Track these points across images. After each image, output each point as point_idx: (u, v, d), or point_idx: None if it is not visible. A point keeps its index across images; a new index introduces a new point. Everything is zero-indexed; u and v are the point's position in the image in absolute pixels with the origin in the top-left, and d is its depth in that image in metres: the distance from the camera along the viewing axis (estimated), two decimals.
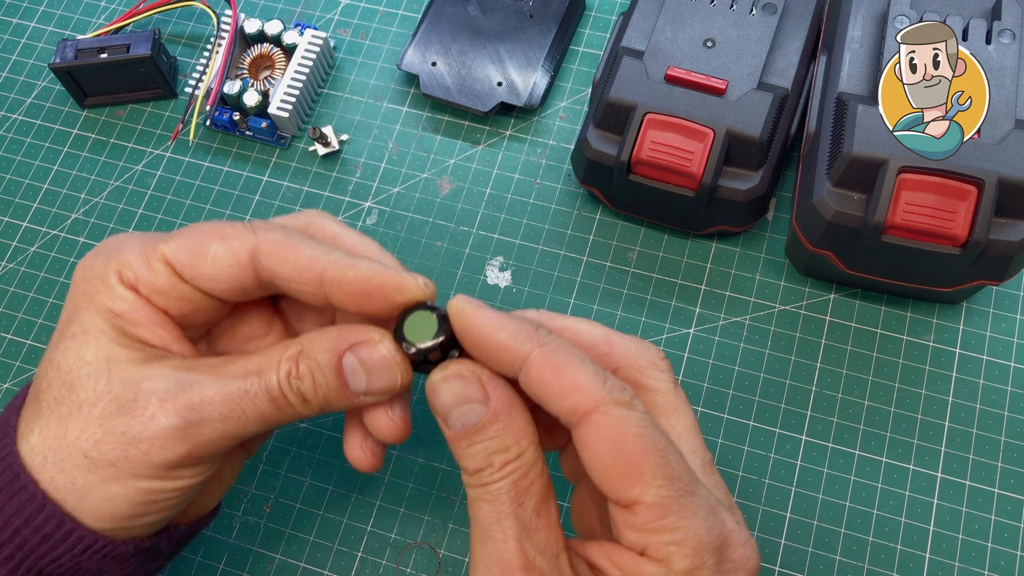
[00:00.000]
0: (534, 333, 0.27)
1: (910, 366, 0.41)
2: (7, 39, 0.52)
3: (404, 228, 0.45)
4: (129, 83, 0.49)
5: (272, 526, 0.40)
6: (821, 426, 0.40)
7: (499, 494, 0.27)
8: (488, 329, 0.27)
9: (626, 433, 0.26)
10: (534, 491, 0.27)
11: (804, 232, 0.39)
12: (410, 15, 0.51)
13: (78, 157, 0.49)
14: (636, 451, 0.25)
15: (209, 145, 0.48)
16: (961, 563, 0.38)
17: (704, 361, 0.42)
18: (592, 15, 0.50)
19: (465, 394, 0.27)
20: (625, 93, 0.40)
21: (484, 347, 0.27)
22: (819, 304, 0.42)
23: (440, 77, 0.47)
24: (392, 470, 0.41)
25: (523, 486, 0.27)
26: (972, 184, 0.35)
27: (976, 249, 0.36)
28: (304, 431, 0.42)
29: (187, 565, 0.40)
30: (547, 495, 0.28)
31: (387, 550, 0.39)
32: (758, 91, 0.40)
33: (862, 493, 0.39)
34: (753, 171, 0.41)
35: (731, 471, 0.40)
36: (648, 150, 0.39)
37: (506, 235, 0.45)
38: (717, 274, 0.43)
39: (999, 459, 0.39)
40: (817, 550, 0.38)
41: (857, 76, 0.38)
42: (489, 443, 0.27)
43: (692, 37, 0.41)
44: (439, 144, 0.47)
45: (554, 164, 0.46)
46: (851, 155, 0.36)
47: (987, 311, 0.42)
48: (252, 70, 0.48)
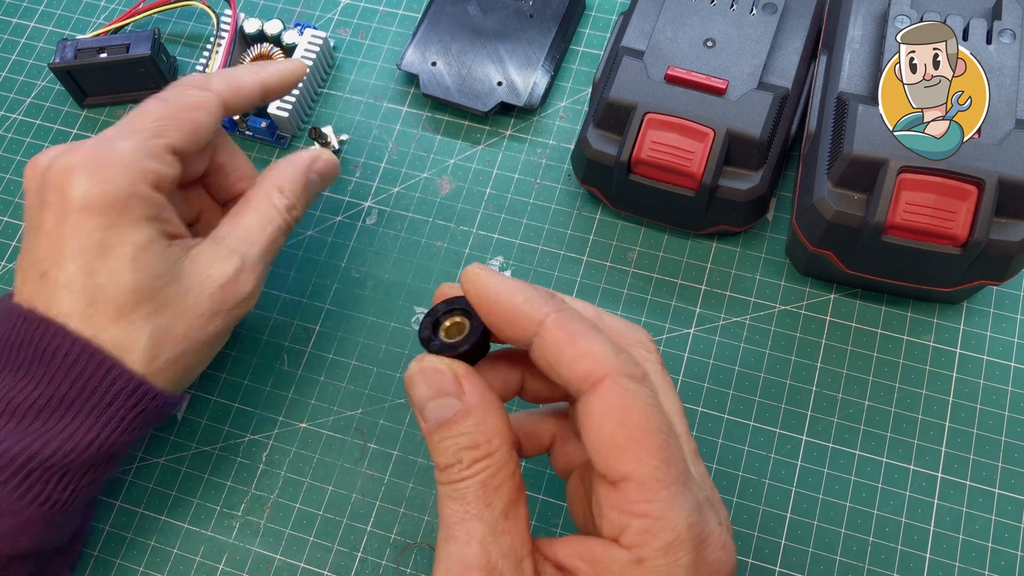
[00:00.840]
0: (550, 299, 0.27)
1: (910, 366, 0.41)
2: (7, 39, 0.52)
3: (404, 228, 0.45)
4: (129, 83, 0.49)
5: (272, 526, 0.40)
6: (821, 426, 0.40)
7: (466, 492, 0.26)
8: (505, 294, 0.27)
9: (633, 406, 0.25)
10: (503, 492, 0.27)
11: (804, 232, 0.39)
12: (410, 15, 0.51)
13: None
14: (639, 426, 0.25)
15: None
16: (961, 563, 0.38)
17: (704, 361, 0.42)
18: (592, 15, 0.50)
19: (442, 387, 0.27)
20: (625, 93, 0.40)
21: (500, 312, 0.27)
22: (819, 304, 0.42)
23: (440, 77, 0.47)
24: (392, 470, 0.41)
25: (492, 486, 0.27)
26: (972, 184, 0.35)
27: (976, 249, 0.36)
28: (304, 431, 0.42)
29: (187, 565, 0.40)
30: (517, 498, 0.27)
31: (387, 550, 0.39)
32: (758, 91, 0.40)
33: (862, 493, 0.39)
34: (753, 171, 0.40)
35: (731, 471, 0.40)
36: (648, 150, 0.39)
37: (506, 235, 0.45)
38: (717, 274, 0.43)
39: (999, 459, 0.39)
40: (817, 550, 0.38)
41: (857, 76, 0.38)
42: (460, 439, 0.27)
43: (692, 37, 0.41)
44: (439, 144, 0.47)
45: (554, 164, 0.46)
46: (851, 155, 0.36)
47: (987, 311, 0.42)
48: None
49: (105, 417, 0.33)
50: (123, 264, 0.33)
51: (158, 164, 0.34)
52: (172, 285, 0.34)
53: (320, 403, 0.42)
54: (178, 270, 0.35)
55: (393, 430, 0.41)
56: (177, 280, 0.35)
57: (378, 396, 0.42)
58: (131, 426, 0.34)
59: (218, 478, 0.41)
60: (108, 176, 0.33)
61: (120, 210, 0.33)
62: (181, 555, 0.40)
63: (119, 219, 0.33)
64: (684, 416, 0.29)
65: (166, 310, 0.34)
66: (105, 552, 0.40)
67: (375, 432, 0.42)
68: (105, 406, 0.33)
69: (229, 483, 0.41)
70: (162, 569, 0.40)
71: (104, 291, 0.33)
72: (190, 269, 0.35)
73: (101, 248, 0.33)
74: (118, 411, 0.34)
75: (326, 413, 0.42)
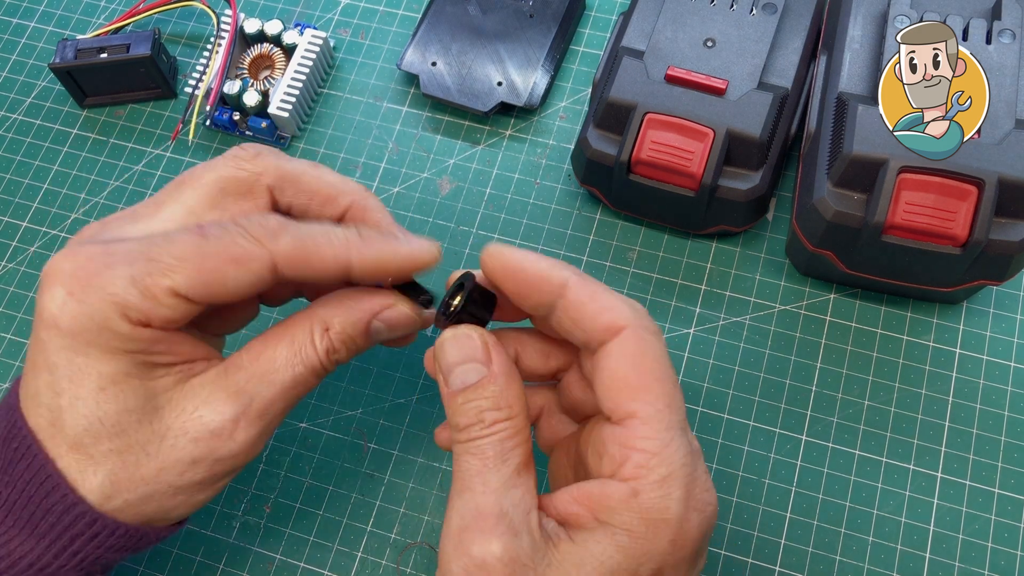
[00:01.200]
0: (566, 265, 0.30)
1: (910, 366, 0.41)
2: (7, 39, 0.52)
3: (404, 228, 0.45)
4: (129, 83, 0.49)
5: (272, 526, 0.40)
6: (821, 426, 0.40)
7: (486, 448, 0.28)
8: (528, 262, 0.29)
9: (648, 353, 0.28)
10: (517, 454, 0.28)
11: (804, 232, 0.39)
12: (410, 15, 0.51)
13: (78, 157, 0.49)
14: (651, 371, 0.28)
15: (209, 145, 0.48)
16: (961, 563, 0.38)
17: (704, 361, 0.42)
18: (592, 15, 0.50)
19: (471, 353, 0.29)
20: (625, 93, 0.40)
21: (526, 278, 0.29)
22: (819, 304, 0.42)
23: (440, 77, 0.47)
24: (392, 470, 0.41)
25: (508, 446, 0.28)
26: (972, 184, 0.35)
27: (976, 249, 0.36)
28: (304, 431, 0.42)
29: (187, 565, 0.40)
30: (528, 463, 0.29)
31: (387, 550, 0.39)
32: (758, 91, 0.40)
33: (862, 493, 0.39)
34: (753, 171, 0.41)
35: (731, 471, 0.40)
36: (648, 150, 0.39)
37: (506, 235, 0.45)
38: (717, 274, 0.43)
39: (999, 459, 0.39)
40: (817, 550, 0.38)
41: (857, 76, 0.38)
42: (483, 402, 0.29)
43: (692, 37, 0.41)
44: (439, 144, 0.47)
45: (554, 164, 0.46)
46: (851, 155, 0.36)
47: (987, 311, 0.42)
48: (252, 70, 0.48)
49: (48, 539, 0.30)
50: (88, 392, 0.29)
51: (149, 305, 0.28)
52: (148, 422, 0.30)
53: (320, 403, 0.42)
54: (160, 404, 0.30)
55: (393, 430, 0.41)
56: (156, 416, 0.30)
57: (378, 396, 0.42)
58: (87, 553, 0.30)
59: None
60: (84, 299, 0.28)
61: (88, 339, 0.29)
62: (181, 555, 0.40)
63: (87, 347, 0.29)
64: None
65: (133, 449, 0.29)
66: None
67: (375, 432, 0.42)
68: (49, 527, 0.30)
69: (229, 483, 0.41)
70: (162, 569, 0.40)
71: (64, 415, 0.29)
72: (179, 404, 0.30)
73: (68, 369, 0.29)
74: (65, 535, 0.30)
75: (326, 413, 0.42)
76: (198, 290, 0.29)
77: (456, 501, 0.28)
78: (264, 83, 0.48)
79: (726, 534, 0.39)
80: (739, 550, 0.38)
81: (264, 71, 0.49)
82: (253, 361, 0.31)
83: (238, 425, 0.30)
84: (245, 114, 0.48)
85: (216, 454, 0.30)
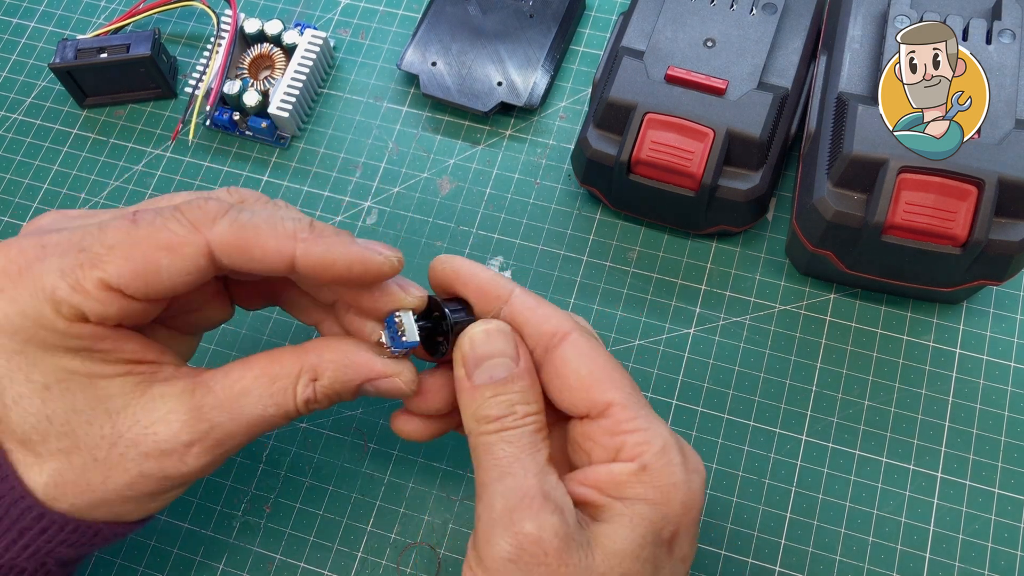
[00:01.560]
0: (507, 278, 0.32)
1: (910, 366, 0.41)
2: (7, 39, 0.52)
3: (404, 228, 0.45)
4: (129, 83, 0.49)
5: (272, 526, 0.40)
6: (821, 426, 0.40)
7: (520, 437, 0.29)
8: (479, 270, 0.32)
9: (598, 350, 0.31)
10: (545, 446, 0.30)
11: (804, 232, 0.39)
12: (410, 15, 0.51)
13: (78, 157, 0.49)
14: (606, 365, 0.30)
15: (209, 145, 0.48)
16: (961, 563, 0.38)
17: (704, 361, 0.42)
18: (592, 15, 0.50)
19: (504, 349, 0.30)
20: (625, 93, 0.40)
21: (478, 285, 0.31)
22: (819, 304, 0.42)
23: (440, 77, 0.47)
24: (392, 470, 0.41)
25: (539, 439, 0.30)
26: (972, 184, 0.35)
27: (976, 249, 0.36)
28: (304, 431, 0.42)
29: (187, 565, 0.40)
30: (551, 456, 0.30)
31: (387, 550, 0.39)
32: (758, 91, 0.40)
33: (862, 493, 0.39)
34: (753, 171, 0.41)
35: (731, 471, 0.40)
36: (648, 150, 0.39)
37: (506, 235, 0.45)
38: (717, 274, 0.43)
39: (999, 459, 0.39)
40: (817, 550, 0.38)
41: (857, 76, 0.38)
42: (513, 395, 0.30)
43: (692, 37, 0.41)
44: (439, 144, 0.47)
45: (554, 164, 0.46)
46: (851, 155, 0.36)
47: (987, 311, 0.42)
48: (252, 70, 0.48)
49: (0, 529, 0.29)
50: (31, 390, 0.28)
51: (80, 299, 0.27)
52: (99, 425, 0.28)
53: None
54: (115, 409, 0.28)
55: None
56: (109, 421, 0.28)
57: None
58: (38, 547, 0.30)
59: (218, 478, 0.41)
60: (16, 296, 0.27)
61: (25, 336, 0.27)
62: (181, 555, 0.40)
63: (24, 344, 0.28)
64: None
65: (80, 451, 0.28)
66: (105, 552, 0.40)
67: (375, 432, 0.42)
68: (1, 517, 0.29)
69: (229, 483, 0.41)
70: (162, 569, 0.40)
71: (10, 412, 0.28)
72: (134, 414, 0.29)
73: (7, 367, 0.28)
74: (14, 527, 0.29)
75: (326, 413, 0.42)
76: (131, 281, 0.27)
77: (498, 486, 0.29)
78: (264, 83, 0.48)
79: (726, 534, 0.39)
80: (739, 550, 0.38)
81: (264, 71, 0.49)
82: (226, 388, 0.30)
83: (191, 450, 0.29)
84: (245, 114, 0.48)
85: (165, 472, 0.29)
